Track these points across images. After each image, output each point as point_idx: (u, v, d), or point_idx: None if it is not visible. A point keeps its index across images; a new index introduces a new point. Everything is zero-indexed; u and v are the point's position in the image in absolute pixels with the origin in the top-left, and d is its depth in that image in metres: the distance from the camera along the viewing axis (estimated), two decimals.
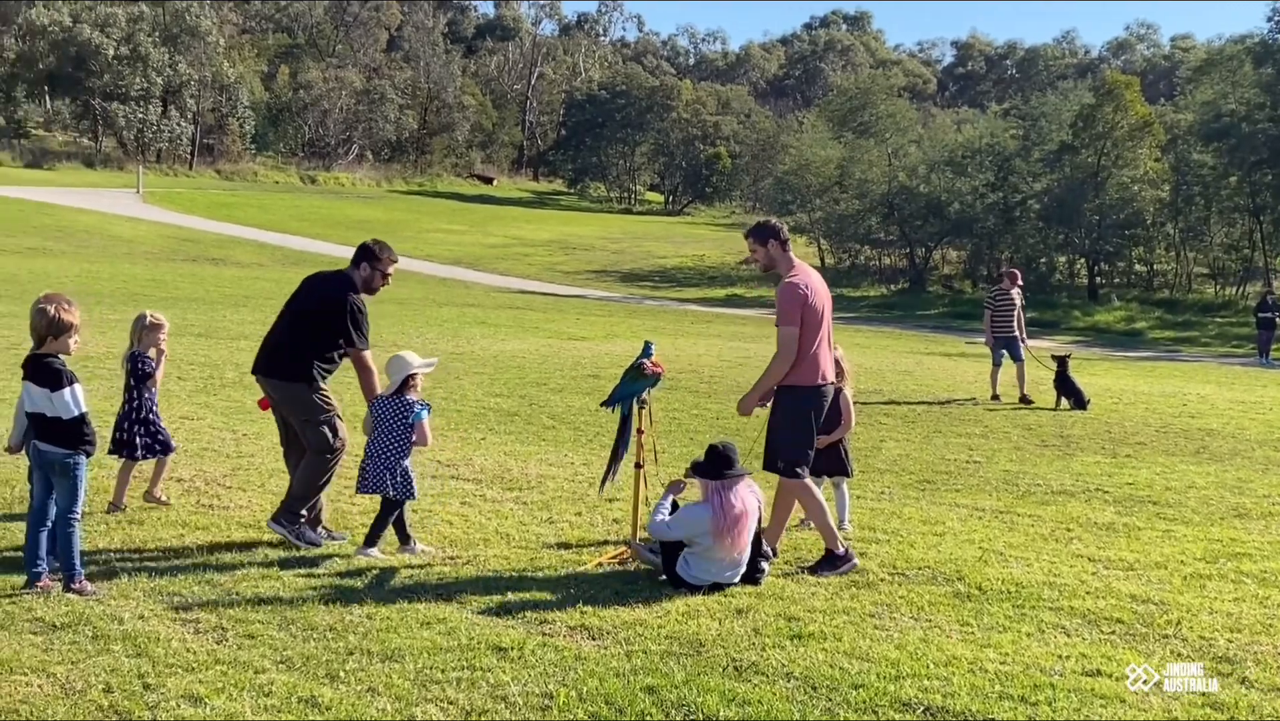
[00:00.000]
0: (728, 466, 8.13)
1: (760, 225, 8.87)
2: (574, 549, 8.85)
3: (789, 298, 8.47)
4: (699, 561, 7.86)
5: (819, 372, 8.57)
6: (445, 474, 11.31)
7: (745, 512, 7.98)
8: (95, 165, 78.50)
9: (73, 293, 22.92)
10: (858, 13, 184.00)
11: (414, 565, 8.16)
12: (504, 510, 9.94)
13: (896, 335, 39.03)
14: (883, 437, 15.29)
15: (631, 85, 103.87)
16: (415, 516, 9.47)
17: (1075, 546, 9.55)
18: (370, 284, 8.97)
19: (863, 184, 59.48)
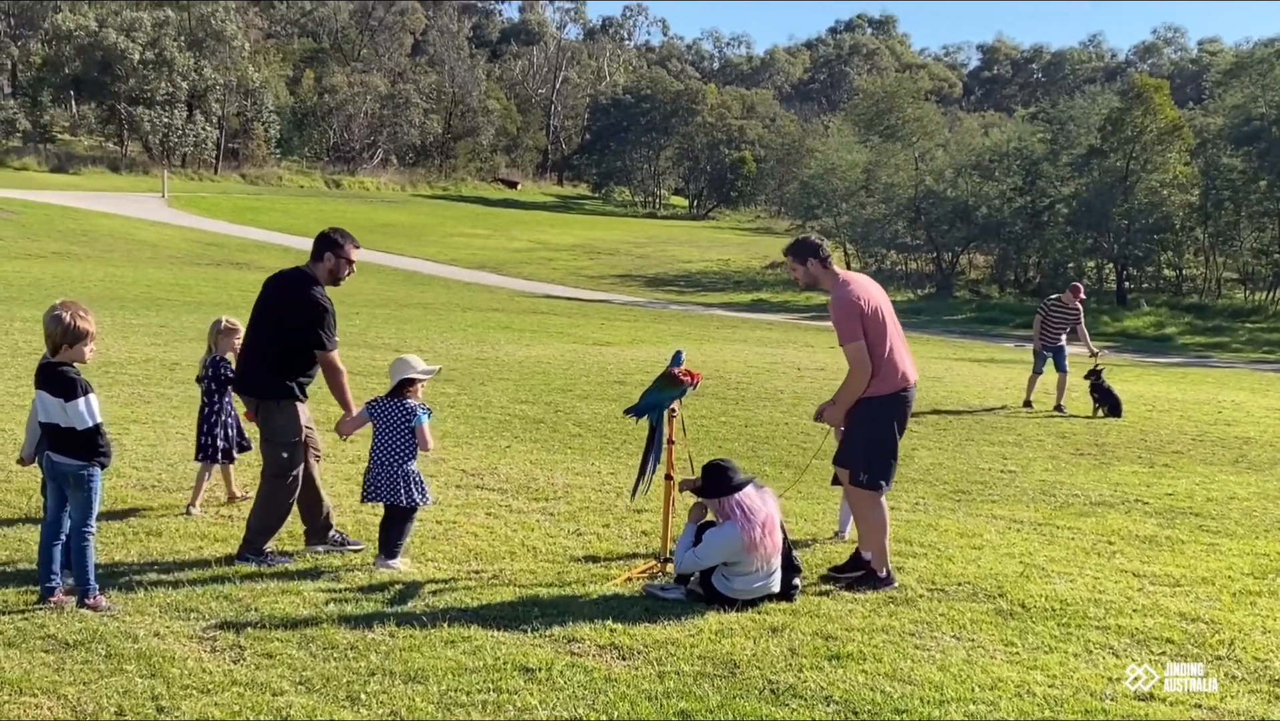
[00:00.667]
0: (731, 480, 7.87)
1: (799, 243, 8.53)
2: (602, 562, 8.60)
3: (845, 311, 8.12)
4: (737, 576, 7.61)
5: (898, 376, 8.23)
6: (470, 483, 11.08)
7: (769, 513, 7.74)
8: (121, 170, 78.58)
9: (96, 297, 22.76)
10: (882, 16, 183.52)
11: (438, 580, 7.92)
12: (530, 521, 9.69)
13: (924, 340, 38.64)
14: (915, 446, 14.99)
15: (656, 89, 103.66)
16: (439, 528, 9.25)
17: (1118, 561, 9.27)
18: (336, 274, 8.65)
19: (889, 188, 59.10)
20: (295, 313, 8.37)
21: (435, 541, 8.85)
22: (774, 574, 7.72)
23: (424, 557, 8.43)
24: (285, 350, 8.37)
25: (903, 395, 8.25)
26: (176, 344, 21.14)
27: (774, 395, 19.38)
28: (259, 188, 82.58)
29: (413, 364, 8.49)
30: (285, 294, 8.51)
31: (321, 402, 11.20)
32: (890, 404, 8.19)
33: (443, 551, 8.61)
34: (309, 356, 8.41)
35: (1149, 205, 53.04)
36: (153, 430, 12.78)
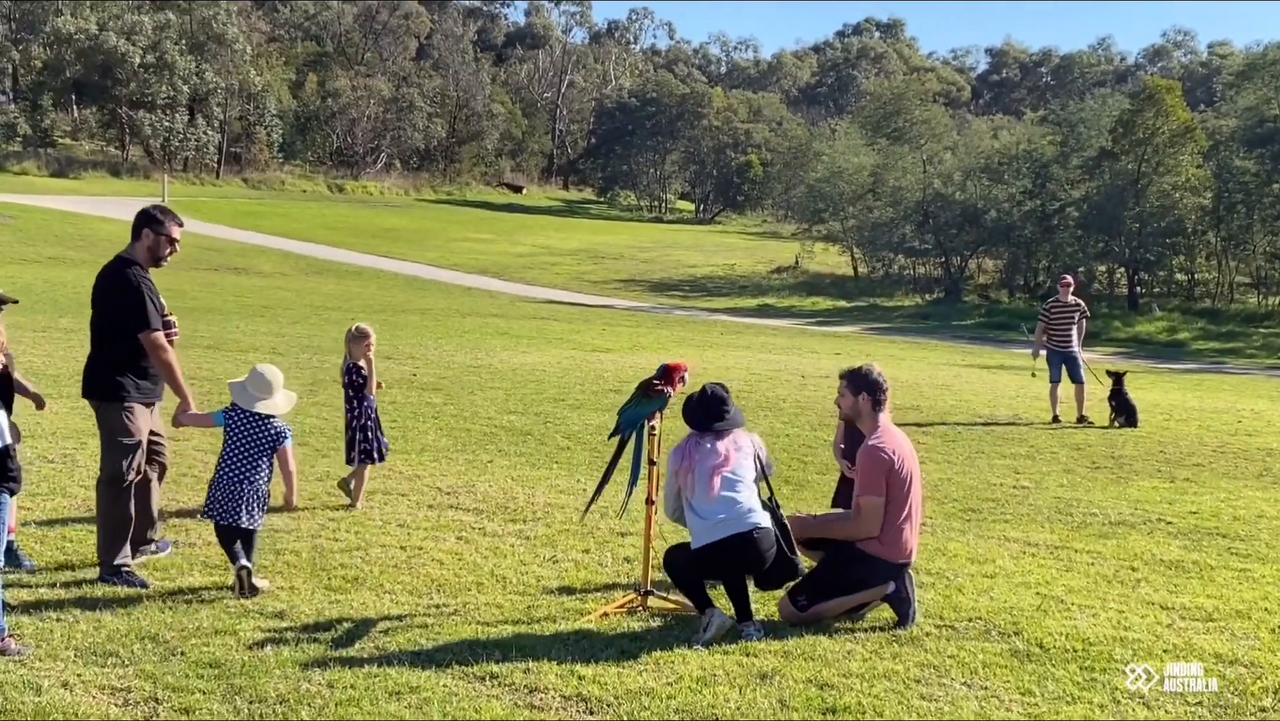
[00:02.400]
0: (717, 415, 7.41)
1: (860, 374, 7.89)
2: (577, 594, 7.83)
3: (874, 464, 7.54)
4: (700, 507, 7.20)
5: (904, 549, 7.57)
6: (444, 503, 10.31)
7: (725, 460, 7.31)
8: (121, 174, 78.02)
9: (86, 303, 21.96)
10: (891, 20, 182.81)
11: (393, 616, 7.14)
12: (504, 546, 8.92)
13: (932, 346, 37.95)
14: (922, 460, 13.91)
15: (662, 93, 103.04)
16: (403, 555, 8.50)
17: (1143, 590, 8.49)
18: (156, 252, 8.09)
19: (896, 191, 58.37)
20: (112, 300, 7.86)
21: (396, 570, 8.09)
22: (749, 509, 7.22)
23: (381, 589, 7.66)
24: (114, 345, 7.86)
25: (897, 569, 7.52)
26: None
27: (775, 404, 18.64)
28: (261, 192, 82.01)
29: (271, 389, 7.86)
30: (102, 284, 7.98)
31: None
32: (878, 571, 7.48)
33: (403, 582, 7.84)
34: (139, 350, 7.83)
35: (1160, 208, 52.32)
36: None
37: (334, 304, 36.49)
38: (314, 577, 7.85)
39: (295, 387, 17.00)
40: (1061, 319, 19.14)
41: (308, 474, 11.08)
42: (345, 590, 7.61)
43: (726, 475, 7.20)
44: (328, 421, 14.12)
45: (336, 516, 9.47)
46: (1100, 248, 53.98)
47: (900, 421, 17.19)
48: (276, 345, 22.94)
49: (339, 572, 7.94)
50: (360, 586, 7.67)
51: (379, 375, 10.81)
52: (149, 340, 7.84)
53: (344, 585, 7.70)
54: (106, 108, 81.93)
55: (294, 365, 19.78)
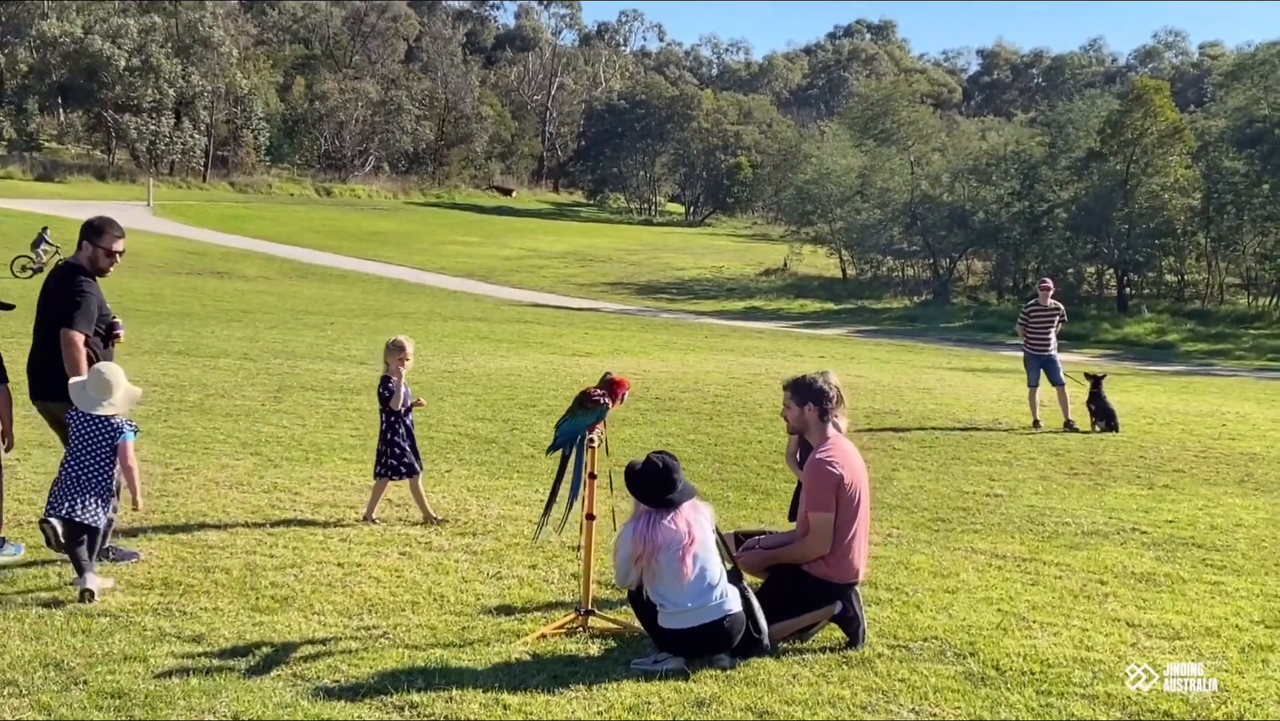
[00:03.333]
0: (669, 488, 6.79)
1: (803, 383, 7.49)
2: (517, 614, 7.48)
3: (821, 478, 7.16)
4: (669, 592, 6.62)
5: (851, 568, 7.21)
6: (393, 515, 9.96)
7: (696, 536, 6.71)
8: (107, 178, 77.62)
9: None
10: (882, 21, 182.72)
11: (317, 639, 6.78)
12: (448, 562, 8.55)
13: (918, 349, 37.62)
14: (895, 466, 13.91)
15: (651, 95, 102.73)
16: (339, 572, 8.15)
17: (1110, 606, 8.16)
18: (95, 264, 8.20)
19: (884, 193, 58.03)
20: (55, 301, 8.06)
21: (330, 589, 7.74)
22: (719, 594, 6.69)
23: (310, 610, 7.31)
24: (56, 346, 7.98)
25: (844, 589, 7.17)
26: (128, 358, 19.96)
27: (751, 410, 18.28)
28: (248, 196, 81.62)
29: (111, 389, 7.60)
30: (49, 287, 8.19)
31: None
32: (825, 592, 7.11)
33: (334, 602, 7.48)
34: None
35: (1149, 209, 52.06)
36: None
37: (315, 308, 36.14)
38: (241, 597, 7.50)
39: (260, 394, 16.79)
40: (1040, 322, 18.82)
41: (254, 485, 10.74)
42: (272, 611, 7.26)
43: (697, 554, 6.67)
44: (286, 431, 13.78)
45: (275, 531, 9.11)
46: (1089, 249, 53.69)
47: (878, 426, 17.12)
48: (249, 350, 22.58)
49: (269, 592, 7.58)
50: (288, 607, 7.32)
51: (418, 393, 10.57)
52: (66, 337, 7.89)
53: (272, 605, 7.35)
54: (92, 111, 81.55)
55: (263, 370, 19.47)
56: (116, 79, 76.89)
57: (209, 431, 13.38)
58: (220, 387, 17.15)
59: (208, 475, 11.02)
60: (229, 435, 13.23)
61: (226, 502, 9.97)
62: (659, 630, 6.64)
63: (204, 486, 10.53)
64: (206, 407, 15.19)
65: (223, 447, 12.46)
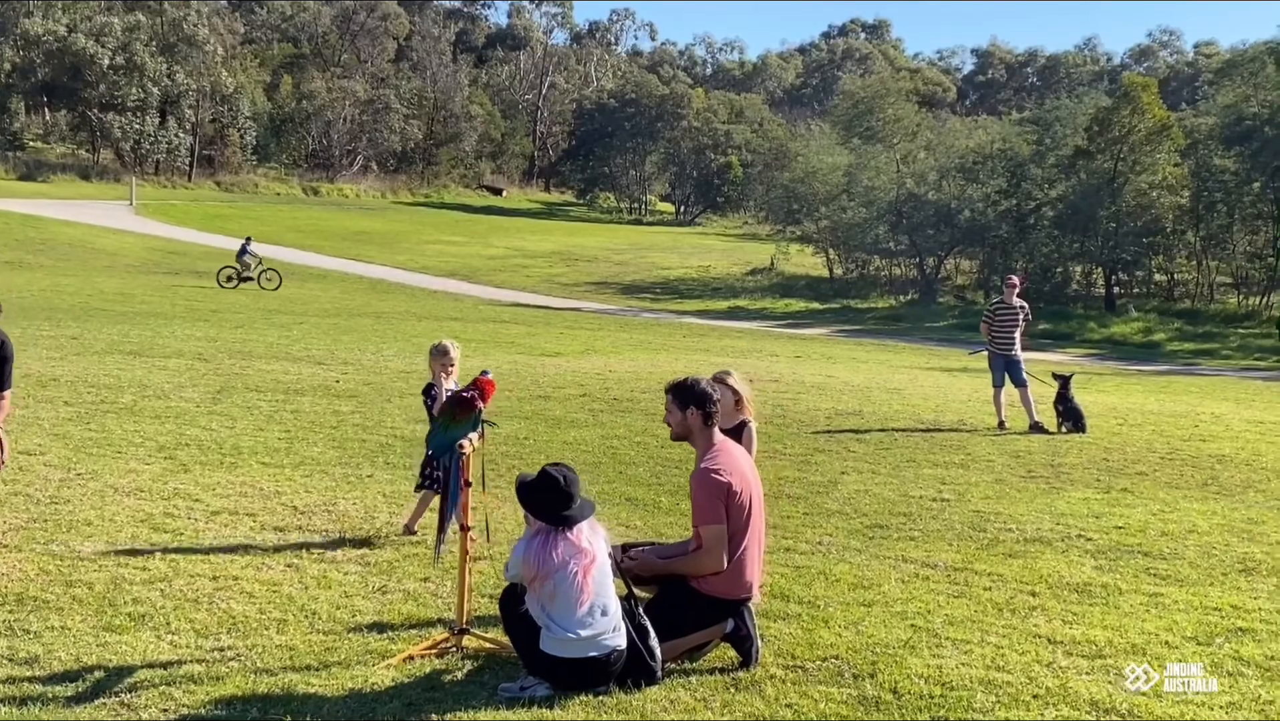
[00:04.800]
0: (565, 504, 6.22)
1: (684, 386, 6.94)
2: (391, 632, 6.98)
3: (709, 489, 6.63)
4: (559, 616, 6.05)
5: (743, 582, 6.70)
6: (292, 523, 9.45)
7: (591, 559, 6.16)
8: (91, 177, 77.10)
9: (29, 307, 21.03)
10: (876, 21, 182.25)
11: (158, 662, 6.28)
12: (333, 575, 8.05)
13: (898, 349, 37.11)
14: (844, 470, 13.41)
15: (641, 94, 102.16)
16: (212, 585, 7.66)
17: (1034, 621, 7.67)
18: None
19: (870, 191, 57.45)
20: None
21: (195, 606, 7.24)
22: (613, 626, 6.16)
23: (166, 629, 6.80)
24: None
25: (735, 605, 6.67)
26: (75, 358, 19.64)
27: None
28: (233, 195, 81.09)
29: None
30: None
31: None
32: (715, 609, 6.63)
33: (194, 620, 6.98)
34: None
35: (1137, 207, 51.55)
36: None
37: (289, 307, 35.68)
38: (97, 615, 7.00)
39: (199, 395, 16.29)
40: (1005, 321, 18.33)
41: (154, 491, 10.24)
42: (124, 630, 6.76)
43: (596, 577, 6.14)
44: (211, 434, 13.27)
45: (157, 541, 8.62)
46: (1076, 248, 53.13)
47: (838, 428, 16.62)
48: (204, 350, 22.07)
49: (126, 609, 7.09)
50: (143, 626, 6.83)
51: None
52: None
53: (125, 624, 6.85)
54: (76, 110, 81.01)
55: (212, 371, 18.99)
56: (100, 78, 76.37)
57: (129, 434, 12.88)
58: (160, 389, 16.66)
59: (109, 481, 10.52)
60: (149, 438, 12.73)
61: (117, 510, 9.47)
62: (537, 653, 6.10)
63: (99, 493, 10.03)
64: (137, 410, 14.69)
65: (136, 451, 11.96)
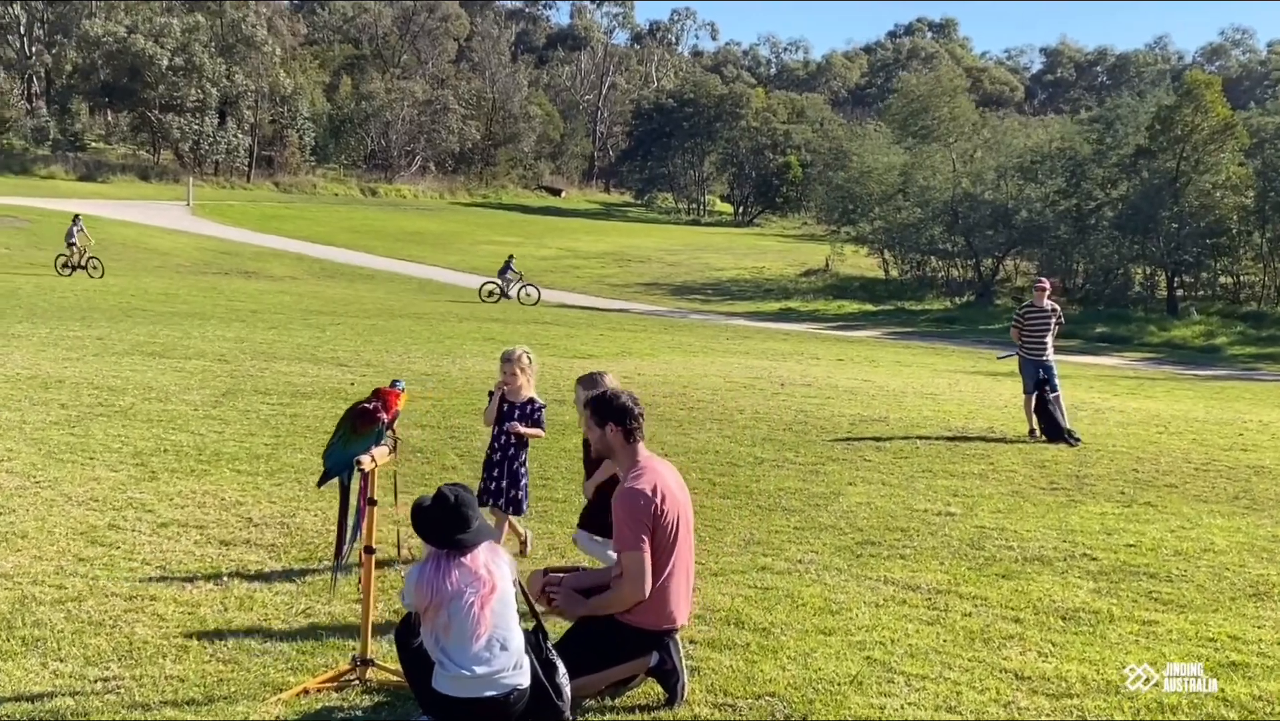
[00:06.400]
0: (460, 526, 5.62)
1: (602, 400, 6.39)
2: (299, 660, 6.49)
3: (630, 511, 6.06)
4: (453, 650, 5.48)
5: (665, 611, 6.14)
6: (240, 537, 8.98)
7: (490, 588, 5.55)
8: (151, 178, 77.59)
9: (69, 307, 20.88)
10: (943, 20, 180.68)
11: (29, 695, 5.83)
12: (259, 596, 7.52)
13: (947, 352, 36.33)
14: (852, 480, 12.82)
15: (700, 93, 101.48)
16: (123, 606, 7.19)
17: (1007, 653, 7.08)
18: None
19: (925, 191, 56.54)
20: None
21: (95, 629, 6.78)
22: (514, 664, 5.59)
23: (54, 655, 6.35)
24: None
25: (659, 638, 6.13)
26: (92, 359, 19.37)
27: (729, 416, 17.24)
28: (291, 196, 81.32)
29: None
30: None
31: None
32: (636, 641, 6.10)
33: (89, 646, 6.51)
34: None
35: (1201, 208, 50.30)
36: None
37: (330, 308, 35.46)
38: (14, 638, 6.57)
39: (202, 398, 15.94)
40: (1037, 324, 17.61)
41: (108, 501, 9.83)
42: (10, 656, 6.31)
43: (495, 608, 5.55)
44: (197, 438, 12.89)
45: (87, 557, 8.18)
46: (1136, 249, 51.93)
47: (859, 435, 15.99)
48: (227, 352, 21.79)
49: (22, 632, 6.65)
50: (32, 651, 6.38)
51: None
52: None
53: (14, 650, 6.41)
54: (136, 111, 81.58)
55: (228, 373, 18.68)
56: (160, 78, 76.87)
57: (109, 439, 12.51)
58: (164, 391, 16.33)
59: (65, 489, 10.13)
60: (128, 443, 12.35)
61: (59, 522, 9.06)
62: (429, 691, 5.56)
63: (49, 502, 9.63)
64: (132, 413, 14.35)
65: (107, 457, 11.58)
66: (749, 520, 10.62)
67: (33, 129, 77.70)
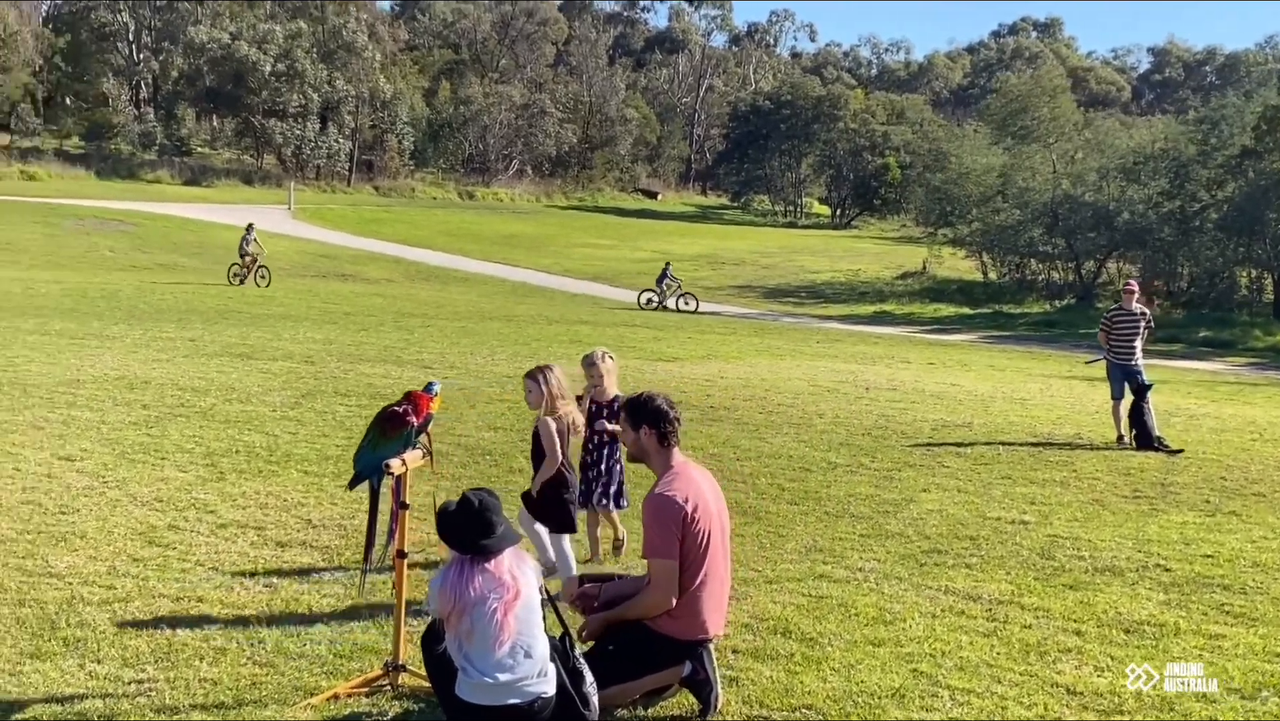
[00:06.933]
0: (483, 531, 5.52)
1: (639, 403, 6.26)
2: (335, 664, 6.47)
3: (661, 516, 5.93)
4: (476, 657, 5.40)
5: (697, 621, 5.98)
6: (297, 539, 8.98)
7: (515, 593, 5.46)
8: (254, 182, 78.76)
9: (164, 309, 21.25)
10: (1048, 19, 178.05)
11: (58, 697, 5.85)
12: (306, 599, 7.51)
13: (1044, 356, 35.71)
14: (926, 486, 12.58)
15: (797, 95, 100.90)
16: (168, 607, 7.21)
17: (1062, 666, 6.87)
18: None
19: (1024, 192, 55.69)
20: None
21: (137, 631, 6.81)
22: (538, 671, 5.49)
23: (93, 657, 6.38)
24: None
25: (691, 648, 5.98)
26: (182, 360, 19.64)
27: (807, 420, 17.04)
28: (390, 199, 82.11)
29: None
30: None
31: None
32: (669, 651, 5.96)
33: (128, 648, 6.53)
34: None
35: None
36: None
37: (422, 310, 35.69)
38: (33, 638, 6.62)
39: (281, 399, 16.06)
40: (1125, 328, 17.21)
41: (171, 501, 9.90)
42: (49, 657, 6.35)
43: (519, 614, 5.45)
44: (271, 439, 12.98)
45: (142, 557, 8.24)
46: (1242, 252, 50.72)
47: (939, 440, 15.71)
48: (314, 353, 22.01)
49: (64, 632, 6.69)
50: (72, 652, 6.41)
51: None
52: None
53: (55, 650, 6.44)
54: (240, 116, 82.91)
55: (311, 374, 18.85)
56: (263, 84, 78.07)
57: (184, 439, 12.64)
58: (247, 392, 16.50)
59: (132, 490, 10.23)
60: (201, 443, 12.47)
61: (119, 522, 9.14)
62: (453, 699, 5.49)
63: (114, 503, 9.72)
64: (211, 413, 14.50)
65: (179, 458, 11.69)
66: (814, 526, 10.45)
67: (140, 134, 79.26)
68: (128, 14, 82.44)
